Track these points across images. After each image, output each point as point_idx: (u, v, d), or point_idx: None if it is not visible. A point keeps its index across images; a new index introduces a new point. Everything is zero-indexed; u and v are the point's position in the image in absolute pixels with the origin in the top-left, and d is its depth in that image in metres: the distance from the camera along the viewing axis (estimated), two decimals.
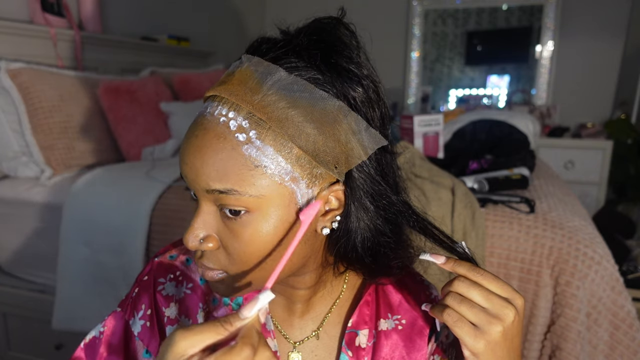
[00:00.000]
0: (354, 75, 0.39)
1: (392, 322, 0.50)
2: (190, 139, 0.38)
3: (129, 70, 2.17)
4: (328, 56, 0.39)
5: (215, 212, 0.39)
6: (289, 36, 0.40)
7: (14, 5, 1.67)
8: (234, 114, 0.36)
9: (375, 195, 0.41)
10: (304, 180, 0.38)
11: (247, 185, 0.36)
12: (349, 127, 0.38)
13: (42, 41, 1.71)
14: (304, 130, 0.36)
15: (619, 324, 0.98)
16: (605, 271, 0.98)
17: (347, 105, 0.38)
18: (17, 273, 1.53)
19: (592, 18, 2.89)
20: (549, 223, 1.05)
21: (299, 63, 0.38)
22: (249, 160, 0.36)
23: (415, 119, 1.50)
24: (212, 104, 0.38)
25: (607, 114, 2.96)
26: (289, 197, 0.38)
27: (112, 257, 1.29)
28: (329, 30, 0.41)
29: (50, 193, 1.44)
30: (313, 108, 0.37)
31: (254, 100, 0.36)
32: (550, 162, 2.41)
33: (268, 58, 0.38)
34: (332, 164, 0.38)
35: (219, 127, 0.36)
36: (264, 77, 0.37)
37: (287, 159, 0.37)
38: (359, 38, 0.44)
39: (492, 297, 0.39)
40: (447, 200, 1.09)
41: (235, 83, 0.38)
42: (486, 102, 3.29)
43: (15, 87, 1.46)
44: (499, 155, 1.47)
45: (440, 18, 3.28)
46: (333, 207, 0.40)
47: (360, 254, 0.43)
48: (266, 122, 0.36)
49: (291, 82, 0.37)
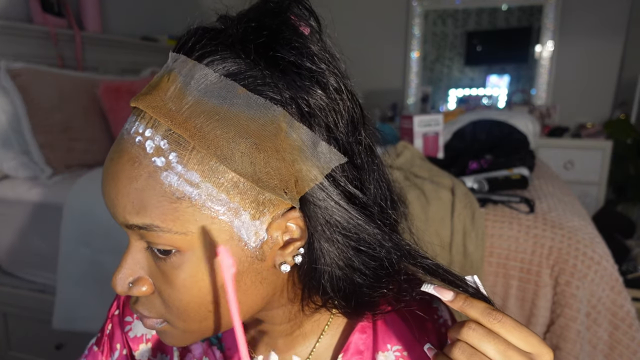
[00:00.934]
0: (307, 71, 0.30)
1: (391, 355, 0.42)
2: (107, 163, 0.31)
3: (129, 70, 2.17)
4: (268, 48, 0.30)
5: (144, 249, 0.32)
6: (228, 23, 0.32)
7: (14, 5, 1.67)
8: (150, 131, 0.29)
9: (345, 226, 0.32)
10: (247, 210, 0.30)
11: (170, 221, 0.29)
12: (294, 142, 0.30)
13: (42, 41, 1.71)
14: (237, 148, 0.29)
15: (619, 323, 0.98)
16: (604, 271, 0.98)
17: (298, 112, 0.30)
18: (17, 273, 1.54)
19: (592, 18, 2.89)
20: (548, 223, 1.05)
21: (229, 60, 0.30)
22: (169, 190, 0.29)
23: (415, 119, 1.50)
24: (130, 118, 0.31)
25: (607, 114, 2.96)
26: (229, 232, 0.30)
27: (112, 257, 1.29)
28: (275, 12, 0.32)
29: (50, 193, 1.44)
30: (249, 119, 0.29)
31: (173, 113, 0.29)
32: (550, 162, 2.41)
33: (195, 56, 0.30)
34: (280, 188, 0.30)
35: (134, 149, 0.29)
36: (187, 81, 0.29)
37: (219, 187, 0.29)
38: (323, 19, 0.34)
39: (511, 352, 0.30)
40: (447, 200, 1.09)
41: (155, 92, 0.30)
42: (486, 102, 3.29)
43: (15, 87, 1.46)
44: (498, 155, 1.47)
45: (440, 18, 3.28)
46: (295, 236, 0.33)
47: (330, 295, 0.34)
48: (189, 141, 0.29)
49: (219, 86, 0.29)
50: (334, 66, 0.32)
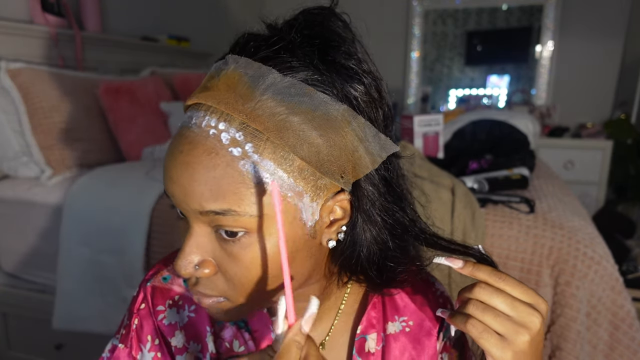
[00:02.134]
0: (354, 72, 0.36)
1: (399, 325, 0.48)
2: (175, 154, 0.34)
3: (129, 70, 2.17)
4: (324, 53, 0.35)
5: (209, 233, 0.35)
6: (278, 31, 0.36)
7: (14, 5, 1.67)
8: (224, 125, 0.32)
9: (383, 208, 0.39)
10: (308, 194, 0.34)
11: (247, 205, 0.32)
12: (356, 134, 0.34)
13: (42, 41, 1.71)
14: (306, 139, 0.33)
15: (619, 323, 0.98)
16: (605, 271, 0.98)
17: (349, 107, 0.35)
18: (17, 273, 1.54)
19: (592, 18, 2.89)
20: (548, 223, 1.05)
21: (293, 62, 0.34)
22: (247, 177, 0.32)
23: (415, 119, 1.50)
24: (196, 113, 0.34)
25: (607, 114, 2.96)
26: (293, 213, 0.34)
27: (112, 257, 1.29)
28: (321, 23, 0.37)
29: (50, 193, 1.44)
30: (314, 114, 0.33)
31: (247, 109, 0.32)
32: (550, 162, 2.41)
33: (257, 58, 0.34)
34: (337, 174, 0.34)
35: (209, 141, 0.32)
36: (255, 80, 0.33)
37: (289, 173, 0.33)
38: (355, 29, 0.40)
39: (517, 304, 0.36)
40: (447, 200, 1.09)
41: (222, 89, 0.33)
42: (486, 102, 3.29)
43: (15, 87, 1.46)
44: (498, 155, 1.47)
45: (440, 18, 3.28)
46: (338, 217, 0.37)
47: (365, 267, 0.40)
48: (263, 133, 0.32)
49: (287, 85, 0.33)
50: (372, 69, 0.38)
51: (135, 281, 1.25)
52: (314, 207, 0.35)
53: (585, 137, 2.75)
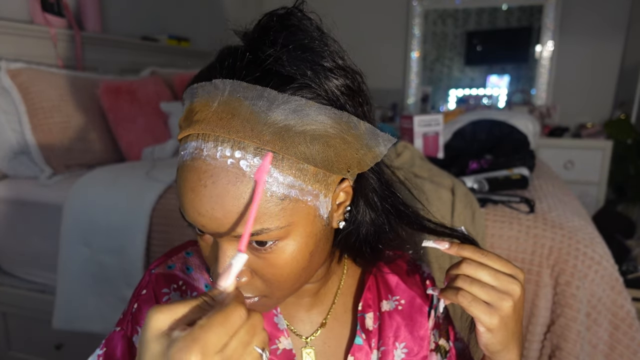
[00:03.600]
0: (337, 70, 0.38)
1: (392, 303, 0.53)
2: (198, 189, 0.34)
3: (129, 70, 2.17)
4: (308, 59, 0.36)
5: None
6: (256, 42, 0.37)
7: (14, 5, 1.67)
8: (240, 153, 0.33)
9: (381, 194, 0.43)
10: (322, 192, 0.37)
11: (277, 220, 0.35)
12: (359, 135, 0.37)
13: (42, 41, 1.71)
14: (315, 148, 0.35)
15: (619, 323, 0.98)
16: (605, 271, 0.98)
17: (338, 105, 0.37)
18: (17, 273, 1.54)
19: (592, 18, 2.89)
20: (548, 223, 1.05)
21: (283, 76, 0.35)
22: (274, 196, 0.34)
23: (415, 119, 1.50)
24: (206, 145, 0.34)
25: (607, 114, 2.96)
26: (314, 213, 0.37)
27: (112, 257, 1.29)
28: (295, 25, 0.37)
29: (50, 193, 1.44)
30: (319, 124, 0.35)
31: (257, 133, 0.33)
32: (550, 162, 2.41)
33: (250, 79, 0.34)
34: (345, 170, 0.38)
35: (230, 171, 0.33)
36: (256, 103, 0.34)
37: (307, 181, 0.36)
38: (327, 24, 0.41)
39: (499, 275, 0.41)
40: (447, 200, 1.09)
41: (225, 117, 0.34)
42: (486, 102, 3.29)
43: (15, 87, 1.47)
44: (498, 155, 1.47)
45: (440, 18, 3.28)
46: (342, 200, 0.41)
47: (361, 245, 0.45)
48: (278, 153, 0.34)
49: (286, 101, 0.34)
50: (349, 63, 0.40)
51: (135, 281, 1.25)
52: (328, 201, 0.39)
53: (585, 137, 2.75)
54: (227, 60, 0.36)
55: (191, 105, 0.37)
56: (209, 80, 0.36)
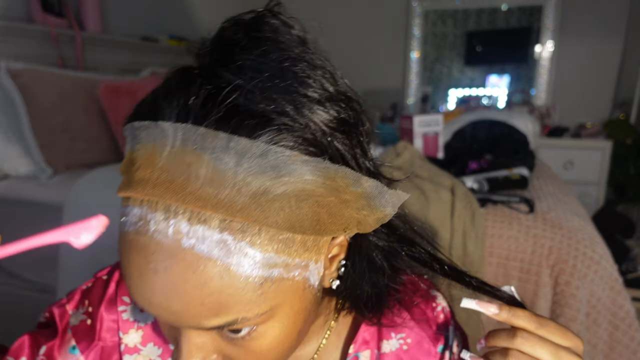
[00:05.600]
0: (332, 102, 0.29)
1: (396, 342, 0.44)
2: (147, 274, 0.26)
3: (129, 70, 2.17)
4: (294, 92, 0.27)
5: (208, 333, 0.30)
6: (213, 65, 0.28)
7: (15, 5, 1.67)
8: (202, 228, 0.25)
9: (385, 251, 0.36)
10: (312, 259, 0.30)
11: (256, 307, 0.27)
12: (358, 195, 0.29)
13: (43, 41, 1.71)
14: (302, 212, 0.27)
15: (618, 323, 0.98)
16: (604, 271, 0.98)
17: (337, 152, 0.29)
18: (17, 273, 1.54)
19: (592, 18, 2.89)
20: (548, 223, 1.05)
21: (257, 116, 0.26)
22: (250, 280, 0.26)
23: (415, 119, 1.50)
24: (152, 215, 0.26)
25: (607, 114, 2.96)
26: (302, 286, 0.30)
27: (112, 257, 1.28)
28: (273, 42, 0.28)
29: (50, 193, 1.44)
30: (308, 182, 0.27)
31: (224, 200, 0.25)
32: (550, 162, 2.41)
33: (211, 122, 0.25)
34: (340, 230, 0.30)
35: (189, 253, 0.25)
36: (220, 158, 0.25)
37: (293, 254, 0.28)
38: (307, 31, 0.32)
39: (561, 353, 0.32)
40: (446, 200, 1.10)
41: (178, 176, 0.25)
42: (486, 102, 3.29)
43: (15, 87, 1.47)
44: (498, 155, 1.47)
45: (440, 19, 3.28)
46: (335, 253, 0.34)
47: (358, 306, 0.39)
48: (254, 224, 0.26)
49: (261, 153, 0.25)
50: (340, 83, 0.31)
51: None
52: (319, 266, 0.31)
53: (585, 137, 2.75)
54: (178, 94, 0.27)
55: (132, 152, 0.28)
56: (154, 119, 0.27)
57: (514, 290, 0.36)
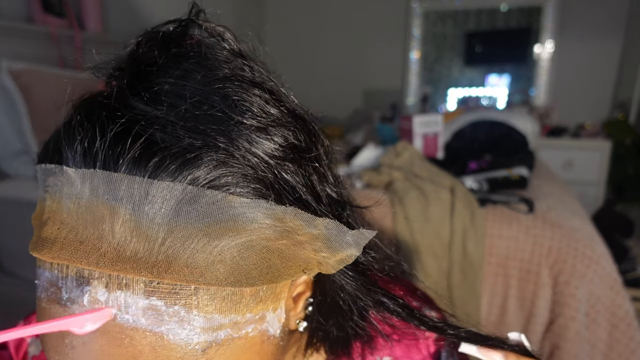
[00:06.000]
0: (277, 127, 0.24)
1: None
2: (63, 350, 0.22)
3: None
4: (226, 121, 0.22)
5: None
6: (127, 93, 0.23)
7: (15, 5, 1.67)
8: (124, 295, 0.21)
9: (355, 293, 0.30)
10: (269, 309, 0.26)
11: None
12: (317, 236, 0.25)
13: (43, 41, 1.71)
14: (248, 262, 0.23)
15: (618, 323, 0.99)
16: (603, 271, 0.99)
17: (286, 186, 0.24)
18: (18, 273, 1.54)
19: (591, 19, 2.90)
20: (548, 223, 1.05)
21: (180, 153, 0.21)
22: (189, 347, 0.22)
23: (415, 119, 1.50)
24: (63, 281, 0.22)
25: (606, 114, 2.97)
26: (259, 340, 0.25)
27: None
28: (198, 59, 0.24)
29: None
30: (253, 227, 0.22)
31: (147, 260, 0.21)
32: (549, 162, 2.41)
33: (126, 163, 0.21)
34: (299, 272, 0.25)
35: (110, 327, 0.21)
36: (139, 210, 0.21)
37: (243, 310, 0.24)
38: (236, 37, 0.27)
39: None
40: (446, 200, 1.10)
41: (89, 238, 0.21)
42: (485, 102, 3.30)
43: (16, 87, 1.47)
44: (498, 155, 1.48)
45: (440, 19, 3.29)
46: (300, 291, 0.30)
47: (329, 346, 0.34)
48: (186, 285, 0.21)
49: (190, 198, 0.21)
50: (285, 101, 0.26)
51: None
52: (279, 313, 0.27)
53: (584, 137, 2.75)
54: (82, 132, 0.22)
55: (41, 202, 0.24)
56: (59, 162, 0.22)
57: (524, 338, 0.31)
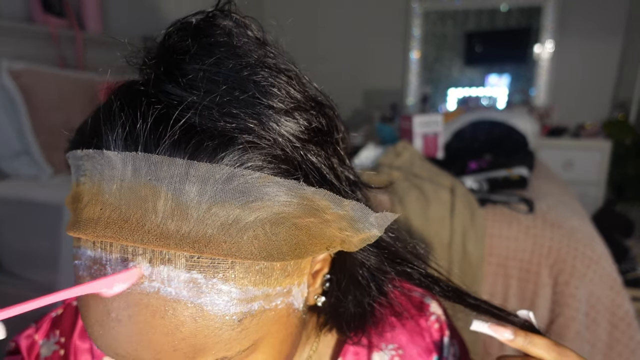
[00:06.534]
0: (301, 110, 0.26)
1: (388, 354, 0.41)
2: (109, 324, 0.24)
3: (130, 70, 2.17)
4: (257, 104, 0.24)
5: None
6: (161, 80, 0.25)
7: (15, 5, 1.67)
8: (166, 269, 0.22)
9: (373, 270, 0.33)
10: (295, 284, 0.27)
11: (237, 344, 0.25)
12: (342, 216, 0.27)
13: (43, 41, 1.71)
14: (278, 238, 0.24)
15: (618, 323, 0.99)
16: (603, 271, 0.99)
17: (312, 167, 0.26)
18: (18, 273, 1.54)
19: (591, 19, 2.90)
20: (547, 223, 1.05)
21: (217, 136, 0.23)
22: (226, 318, 0.24)
23: (415, 119, 1.50)
24: (108, 257, 0.23)
25: (606, 114, 2.97)
26: (286, 312, 0.27)
27: None
28: (227, 47, 0.25)
29: (50, 193, 1.44)
30: (282, 204, 0.24)
31: (188, 235, 0.22)
32: (549, 162, 2.41)
33: (165, 147, 0.22)
34: (323, 249, 0.27)
35: (154, 298, 0.23)
36: (180, 187, 0.22)
37: (273, 283, 0.25)
38: (261, 28, 0.28)
39: None
40: (446, 200, 1.10)
41: (133, 215, 0.22)
42: (485, 102, 3.30)
43: (16, 87, 1.47)
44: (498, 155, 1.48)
45: (440, 19, 3.29)
46: (317, 269, 0.32)
47: (341, 326, 0.36)
48: (224, 260, 0.23)
49: (225, 178, 0.22)
50: (308, 88, 0.28)
51: None
52: (303, 287, 0.29)
53: (584, 137, 2.75)
54: (122, 117, 0.23)
55: (77, 186, 0.25)
56: (98, 148, 0.24)
57: (531, 315, 0.33)
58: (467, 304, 0.34)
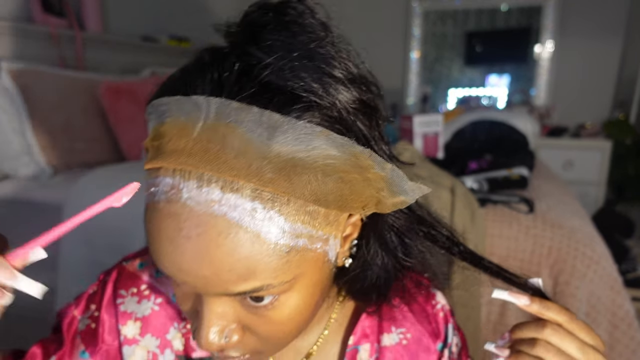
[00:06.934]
0: (355, 84, 0.31)
1: (395, 336, 0.45)
2: (179, 240, 0.27)
3: (130, 70, 2.17)
4: (321, 72, 0.29)
5: (230, 300, 0.31)
6: (244, 45, 0.30)
7: (15, 5, 1.67)
8: (234, 197, 0.26)
9: (405, 230, 0.37)
10: (332, 234, 0.31)
11: (282, 274, 0.29)
12: (380, 177, 0.30)
13: (43, 41, 1.71)
14: (327, 187, 0.28)
15: (618, 323, 0.99)
16: (604, 271, 0.98)
17: (360, 132, 0.30)
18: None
19: (591, 18, 2.89)
20: (548, 223, 1.05)
21: (288, 93, 0.28)
22: (277, 247, 0.28)
23: (415, 119, 1.50)
24: (185, 183, 0.27)
25: (606, 114, 2.96)
26: (322, 259, 0.31)
27: (113, 257, 1.28)
28: (299, 25, 0.30)
29: (50, 193, 1.44)
30: (332, 158, 0.28)
31: (256, 171, 0.26)
32: (550, 162, 2.41)
33: (244, 97, 0.27)
34: (360, 207, 0.31)
35: (221, 220, 0.27)
36: (253, 130, 0.26)
37: (317, 226, 0.29)
38: (329, 15, 0.33)
39: (586, 349, 0.33)
40: (446, 200, 1.10)
41: (212, 147, 0.26)
42: (486, 102, 3.29)
43: (16, 88, 1.47)
44: (498, 155, 1.48)
45: (440, 19, 3.28)
46: (348, 233, 0.35)
47: (365, 291, 0.39)
48: (283, 195, 0.27)
49: (292, 126, 0.27)
50: (362, 68, 0.33)
51: None
52: (337, 242, 0.32)
53: (585, 137, 2.75)
54: (211, 70, 0.29)
55: (161, 126, 0.29)
56: (185, 94, 0.28)
57: (540, 283, 0.36)
58: (483, 267, 0.37)
